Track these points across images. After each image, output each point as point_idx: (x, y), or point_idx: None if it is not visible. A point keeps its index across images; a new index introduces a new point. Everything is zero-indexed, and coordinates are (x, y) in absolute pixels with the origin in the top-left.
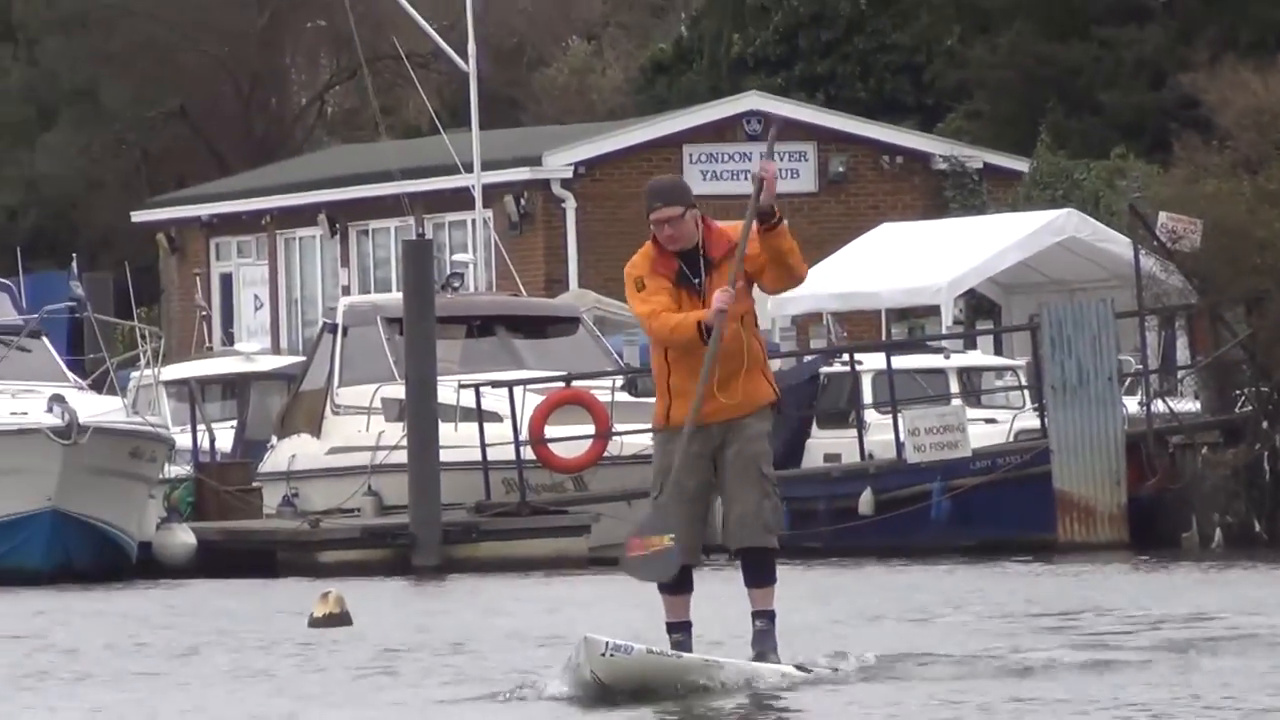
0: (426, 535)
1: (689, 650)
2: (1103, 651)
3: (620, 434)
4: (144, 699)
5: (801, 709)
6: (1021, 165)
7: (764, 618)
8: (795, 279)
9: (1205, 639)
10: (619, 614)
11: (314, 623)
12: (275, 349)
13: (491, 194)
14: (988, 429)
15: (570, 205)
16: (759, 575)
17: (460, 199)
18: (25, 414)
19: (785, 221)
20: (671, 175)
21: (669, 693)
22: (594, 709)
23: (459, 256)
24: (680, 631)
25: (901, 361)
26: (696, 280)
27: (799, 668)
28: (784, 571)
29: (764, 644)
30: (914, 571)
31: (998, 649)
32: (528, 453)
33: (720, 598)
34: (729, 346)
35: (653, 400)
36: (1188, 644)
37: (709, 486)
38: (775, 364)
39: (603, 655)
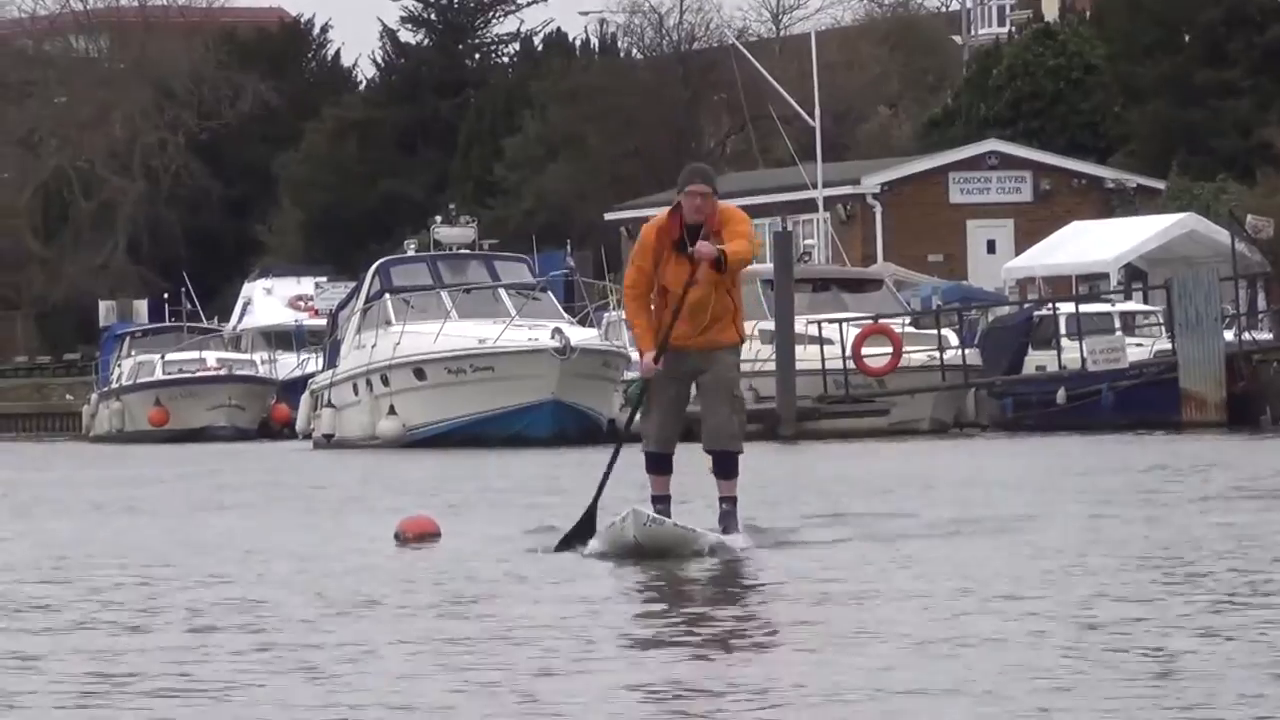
0: (787, 414)
1: (669, 515)
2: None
3: (909, 352)
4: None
5: (768, 565)
6: (1160, 185)
7: (728, 502)
8: (747, 265)
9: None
10: (870, 464)
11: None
12: None
13: (829, 202)
14: (1138, 350)
15: (878, 210)
16: (726, 470)
17: (809, 205)
18: (536, 339)
19: (725, 258)
20: (705, 164)
21: (680, 553)
22: (623, 562)
23: (808, 242)
24: (662, 503)
25: (1085, 308)
26: (689, 249)
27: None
28: (1012, 441)
29: (728, 521)
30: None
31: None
32: (851, 364)
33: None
34: (702, 303)
35: (929, 331)
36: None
37: (685, 398)
38: (1003, 310)
39: (644, 525)
